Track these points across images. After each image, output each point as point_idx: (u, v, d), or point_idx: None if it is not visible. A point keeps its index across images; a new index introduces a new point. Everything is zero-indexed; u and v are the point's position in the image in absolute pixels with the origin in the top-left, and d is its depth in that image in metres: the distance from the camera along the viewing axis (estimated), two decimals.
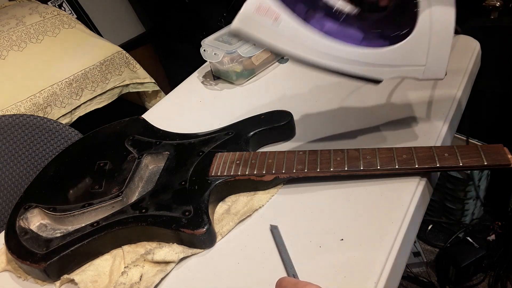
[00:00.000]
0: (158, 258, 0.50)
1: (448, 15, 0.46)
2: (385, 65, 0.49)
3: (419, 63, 0.49)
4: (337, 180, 0.55)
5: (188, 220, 0.51)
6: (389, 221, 0.49)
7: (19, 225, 0.56)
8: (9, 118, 0.85)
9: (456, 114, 0.65)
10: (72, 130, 0.91)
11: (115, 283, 0.49)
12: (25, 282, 0.54)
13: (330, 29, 0.49)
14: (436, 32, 0.47)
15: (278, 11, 0.45)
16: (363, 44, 0.48)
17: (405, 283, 1.29)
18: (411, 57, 0.48)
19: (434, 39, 0.47)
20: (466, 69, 0.72)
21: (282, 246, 0.49)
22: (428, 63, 0.48)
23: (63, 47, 1.36)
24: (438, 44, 0.47)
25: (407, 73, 0.49)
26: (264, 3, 0.45)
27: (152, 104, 1.46)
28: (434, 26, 0.46)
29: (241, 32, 0.47)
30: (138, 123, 0.72)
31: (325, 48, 0.48)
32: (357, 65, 0.49)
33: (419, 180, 0.53)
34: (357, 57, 0.48)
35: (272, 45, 0.47)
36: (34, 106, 1.19)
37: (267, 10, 0.46)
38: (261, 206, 0.55)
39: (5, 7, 1.50)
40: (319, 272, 0.46)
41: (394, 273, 0.45)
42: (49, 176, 0.65)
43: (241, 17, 0.46)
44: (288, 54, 0.48)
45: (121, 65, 1.40)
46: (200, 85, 0.90)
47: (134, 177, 0.60)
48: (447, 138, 0.60)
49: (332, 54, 0.48)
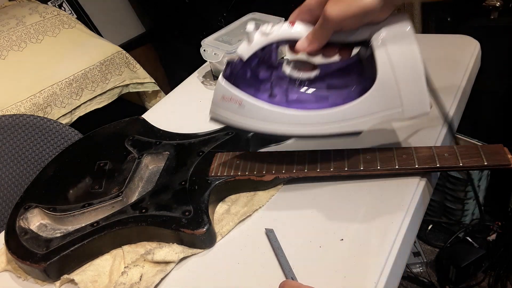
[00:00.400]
0: (158, 258, 0.50)
1: (410, 53, 0.45)
2: (359, 117, 0.48)
3: (395, 106, 0.47)
4: (337, 180, 0.55)
5: (188, 220, 0.51)
6: (389, 221, 0.49)
7: (19, 225, 0.56)
8: (9, 118, 0.85)
9: (456, 114, 0.65)
10: (72, 130, 0.91)
11: (115, 283, 0.49)
12: (25, 282, 0.54)
13: (294, 101, 0.50)
14: (401, 73, 0.46)
15: (240, 98, 0.48)
16: (330, 105, 0.48)
17: (405, 283, 1.29)
18: (383, 103, 0.47)
19: (401, 81, 0.46)
20: (466, 69, 0.71)
21: (279, 249, 0.49)
22: (404, 104, 0.47)
23: (63, 47, 1.36)
24: (408, 84, 0.46)
25: (387, 117, 0.48)
26: (226, 93, 0.49)
27: (152, 104, 1.46)
28: (397, 69, 0.45)
29: (216, 118, 0.52)
30: (138, 123, 0.72)
31: (294, 119, 0.49)
32: (332, 125, 0.49)
33: (419, 180, 0.53)
34: (329, 118, 0.48)
35: (244, 125, 0.50)
36: (34, 106, 1.19)
37: (230, 98, 0.49)
38: (261, 206, 0.55)
39: (5, 7, 1.50)
40: (319, 272, 0.46)
41: (394, 273, 0.45)
42: (49, 176, 0.65)
43: (212, 106, 0.52)
44: (260, 131, 0.50)
45: (121, 65, 1.40)
46: (200, 85, 0.90)
47: (134, 177, 0.60)
48: (447, 138, 0.60)
49: (302, 122, 0.49)
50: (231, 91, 0.49)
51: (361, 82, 0.50)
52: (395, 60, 0.45)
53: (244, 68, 0.50)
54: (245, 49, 0.48)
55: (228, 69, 0.50)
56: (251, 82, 0.51)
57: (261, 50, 0.48)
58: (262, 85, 0.52)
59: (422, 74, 0.46)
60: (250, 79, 0.50)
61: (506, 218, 1.32)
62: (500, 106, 1.31)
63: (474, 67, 0.74)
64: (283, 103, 0.50)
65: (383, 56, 0.45)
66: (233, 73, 0.50)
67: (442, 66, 0.74)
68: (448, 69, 0.73)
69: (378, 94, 0.47)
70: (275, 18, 0.88)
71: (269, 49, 0.49)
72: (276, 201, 0.56)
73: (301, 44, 0.47)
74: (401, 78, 0.46)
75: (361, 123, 0.48)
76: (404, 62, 0.45)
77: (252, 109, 0.49)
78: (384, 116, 0.48)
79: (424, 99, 0.47)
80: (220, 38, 0.88)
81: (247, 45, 0.48)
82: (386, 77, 0.46)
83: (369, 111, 0.48)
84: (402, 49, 0.45)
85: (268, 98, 0.50)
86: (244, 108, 0.49)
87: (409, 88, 0.46)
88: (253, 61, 0.50)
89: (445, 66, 0.74)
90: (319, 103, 0.50)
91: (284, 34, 0.47)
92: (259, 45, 0.48)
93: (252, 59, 0.49)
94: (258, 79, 0.51)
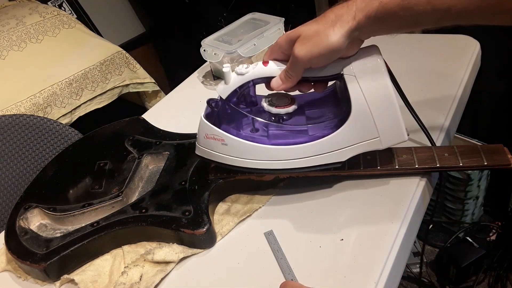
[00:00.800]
0: (158, 258, 0.50)
1: (382, 85, 0.47)
2: (339, 149, 0.50)
3: (372, 136, 0.49)
4: (337, 180, 0.55)
5: (188, 220, 0.51)
6: (389, 221, 0.49)
7: (19, 225, 0.56)
8: (9, 118, 0.85)
9: (456, 114, 0.65)
10: (72, 130, 0.91)
11: (115, 283, 0.49)
12: (25, 282, 0.54)
13: (275, 136, 0.52)
14: (375, 104, 0.47)
15: (222, 136, 0.51)
16: (310, 139, 0.50)
17: (405, 283, 1.29)
18: (361, 134, 0.49)
19: (375, 112, 0.48)
20: (466, 69, 0.72)
21: (279, 251, 0.49)
22: (381, 133, 0.49)
23: (63, 47, 1.36)
24: (383, 114, 0.48)
25: (365, 147, 0.50)
26: (208, 132, 0.51)
27: (152, 104, 1.46)
28: (371, 100, 0.47)
29: (201, 155, 0.54)
30: (138, 123, 0.72)
31: (276, 154, 0.51)
32: (313, 158, 0.50)
33: (419, 180, 0.53)
34: (310, 152, 0.50)
35: (227, 162, 0.52)
36: (34, 106, 1.19)
37: (213, 136, 0.51)
38: (261, 206, 0.55)
39: (5, 7, 1.49)
40: (319, 272, 0.46)
41: (394, 273, 0.45)
42: (49, 176, 0.65)
43: (197, 143, 0.54)
44: (243, 167, 0.52)
45: (121, 65, 1.40)
46: (200, 85, 0.90)
47: (134, 177, 0.60)
48: (447, 138, 0.60)
49: (284, 157, 0.51)
50: (213, 130, 0.51)
51: (338, 114, 0.52)
52: (368, 93, 0.47)
53: (224, 107, 0.52)
54: (222, 89, 0.51)
55: (208, 108, 0.52)
56: (233, 120, 0.53)
57: (238, 89, 0.51)
58: (244, 121, 0.54)
59: (395, 105, 0.47)
60: (231, 117, 0.53)
61: (506, 218, 1.32)
62: (500, 106, 1.31)
63: (474, 67, 0.74)
64: (264, 139, 0.52)
65: (356, 89, 0.47)
66: (213, 112, 0.52)
67: (442, 66, 0.74)
68: (448, 69, 0.73)
69: (354, 126, 0.48)
70: (275, 18, 0.88)
71: (247, 87, 0.51)
72: (276, 201, 0.56)
73: (275, 83, 0.49)
74: (375, 109, 0.47)
75: (341, 154, 0.50)
76: (377, 94, 0.47)
77: (234, 146, 0.51)
78: (363, 146, 0.50)
79: (400, 129, 0.49)
80: (220, 38, 0.88)
81: (224, 85, 0.50)
82: (360, 109, 0.48)
83: (348, 143, 0.50)
84: (373, 82, 0.47)
85: (250, 135, 0.52)
86: (227, 146, 0.51)
87: (384, 119, 0.48)
88: (232, 100, 0.52)
89: (445, 66, 0.74)
90: (299, 137, 0.52)
91: (259, 73, 0.49)
92: (236, 85, 0.50)
93: (231, 98, 0.51)
94: (239, 116, 0.53)
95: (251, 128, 0.54)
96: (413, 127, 0.58)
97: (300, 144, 0.50)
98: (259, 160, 0.51)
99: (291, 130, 0.53)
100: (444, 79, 0.71)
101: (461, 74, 0.71)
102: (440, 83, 0.70)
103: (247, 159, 0.51)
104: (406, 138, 0.49)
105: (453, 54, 0.76)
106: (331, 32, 0.43)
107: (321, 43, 0.43)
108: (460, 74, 0.71)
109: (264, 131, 0.53)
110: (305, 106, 0.55)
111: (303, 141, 0.50)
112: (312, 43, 0.44)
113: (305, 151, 0.50)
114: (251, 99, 0.54)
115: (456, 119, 0.66)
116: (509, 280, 1.21)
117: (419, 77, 0.73)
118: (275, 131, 0.53)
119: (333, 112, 0.53)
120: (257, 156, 0.51)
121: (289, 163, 0.51)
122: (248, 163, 0.51)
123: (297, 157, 0.50)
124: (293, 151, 0.50)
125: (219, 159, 0.53)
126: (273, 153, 0.51)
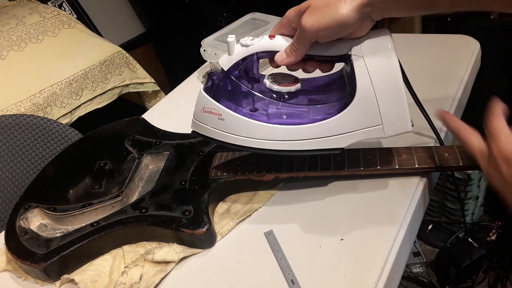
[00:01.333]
0: (158, 258, 0.50)
1: (390, 66, 0.44)
2: (339, 133, 0.48)
3: (375, 123, 0.47)
4: (337, 180, 0.55)
5: (188, 220, 0.51)
6: (389, 221, 0.49)
7: (19, 225, 0.56)
8: (9, 118, 0.85)
9: (456, 114, 0.65)
10: (72, 130, 0.91)
11: (115, 283, 0.49)
12: (25, 282, 0.54)
13: (275, 115, 0.50)
14: (381, 90, 0.45)
15: (220, 110, 0.48)
16: (311, 121, 0.48)
17: (405, 283, 1.29)
18: (363, 120, 0.47)
19: (381, 98, 0.45)
20: (466, 69, 0.72)
21: (279, 252, 0.49)
22: (385, 121, 0.46)
23: (63, 47, 1.36)
24: (389, 101, 0.45)
25: (367, 135, 0.47)
26: (206, 105, 0.49)
27: (152, 104, 1.46)
28: (377, 85, 0.45)
29: (196, 130, 0.52)
30: (138, 123, 0.72)
31: (274, 134, 0.48)
32: (311, 141, 0.48)
33: (419, 180, 0.53)
34: (309, 134, 0.48)
35: (223, 139, 0.50)
36: (34, 106, 1.19)
37: (210, 110, 0.49)
38: (261, 206, 0.55)
39: (5, 7, 1.49)
40: (319, 272, 0.46)
41: (394, 273, 0.45)
42: (49, 176, 0.65)
43: (193, 118, 0.51)
44: (239, 145, 0.50)
45: (121, 65, 1.40)
46: (200, 85, 0.89)
47: (134, 177, 0.60)
48: (447, 138, 0.60)
49: (282, 137, 0.48)
50: (211, 104, 0.49)
51: (342, 98, 0.50)
52: (374, 73, 0.45)
53: (225, 80, 0.50)
54: (225, 60, 0.49)
55: (209, 81, 0.50)
56: (232, 95, 0.51)
57: (242, 61, 0.48)
58: (243, 98, 0.52)
59: (401, 90, 0.45)
60: (231, 92, 0.51)
61: (506, 218, 1.32)
62: None
63: (474, 67, 0.74)
64: (263, 117, 0.50)
65: (362, 71, 0.45)
66: (213, 85, 0.50)
67: (442, 66, 0.74)
68: (448, 69, 0.73)
69: (357, 110, 0.46)
70: (275, 18, 0.88)
71: (250, 60, 0.49)
72: (276, 201, 0.56)
73: (280, 56, 0.47)
74: (380, 94, 0.45)
75: (341, 139, 0.48)
76: (383, 75, 0.45)
77: (231, 122, 0.49)
78: (365, 133, 0.47)
79: (405, 117, 0.46)
80: (220, 38, 0.88)
81: (227, 56, 0.48)
82: (365, 92, 0.45)
83: (349, 128, 0.47)
84: (381, 62, 0.45)
85: (249, 112, 0.50)
86: (223, 121, 0.49)
87: (389, 104, 0.46)
88: (234, 73, 0.50)
89: (445, 66, 0.74)
90: (299, 118, 0.50)
91: (264, 46, 0.47)
92: (239, 56, 0.48)
93: (233, 71, 0.49)
94: (239, 92, 0.51)
95: (251, 106, 0.51)
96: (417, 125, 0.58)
97: (300, 125, 0.48)
98: (255, 139, 0.49)
99: (292, 110, 0.51)
100: (444, 79, 0.71)
101: (461, 74, 0.71)
102: (440, 83, 0.70)
103: (244, 136, 0.49)
104: (410, 128, 0.46)
105: (453, 54, 0.76)
106: (342, 4, 0.41)
107: (330, 14, 0.42)
108: (460, 74, 0.71)
109: (264, 109, 0.51)
110: (309, 91, 0.53)
111: (303, 123, 0.48)
112: (320, 14, 0.42)
113: (304, 133, 0.48)
114: (254, 75, 0.52)
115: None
116: (509, 280, 1.21)
117: (419, 77, 0.73)
118: (275, 110, 0.51)
119: (337, 96, 0.51)
120: (254, 134, 0.49)
121: (286, 144, 0.48)
122: (244, 141, 0.49)
123: (295, 138, 0.48)
124: (291, 132, 0.48)
125: (214, 135, 0.50)
126: (271, 132, 0.48)
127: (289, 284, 0.45)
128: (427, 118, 0.55)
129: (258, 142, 0.49)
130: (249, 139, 0.49)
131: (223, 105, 0.48)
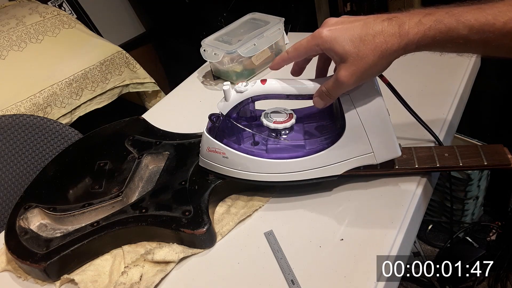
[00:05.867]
0: (158, 258, 0.50)
1: (375, 103, 0.48)
2: (334, 163, 0.52)
3: (366, 151, 0.51)
4: (337, 181, 0.55)
5: (188, 220, 0.51)
6: (389, 221, 0.49)
7: (19, 225, 0.56)
8: (9, 118, 0.85)
9: (456, 114, 0.65)
10: (72, 130, 0.91)
11: (115, 283, 0.49)
12: (25, 282, 0.54)
13: (274, 150, 0.54)
14: (368, 122, 0.49)
15: (223, 150, 0.53)
16: (307, 153, 0.52)
17: (405, 283, 1.29)
18: (355, 149, 0.51)
19: (369, 128, 0.49)
20: (466, 69, 0.72)
21: (279, 251, 0.49)
22: (375, 149, 0.51)
23: (63, 47, 1.35)
24: (376, 131, 0.50)
25: (360, 162, 0.52)
26: (210, 145, 0.54)
27: (152, 104, 1.46)
28: (364, 118, 0.49)
29: (204, 166, 0.57)
30: (138, 123, 0.72)
31: (274, 168, 0.53)
32: (310, 172, 0.52)
33: (419, 180, 0.53)
34: (307, 165, 0.52)
35: (228, 174, 0.54)
36: (34, 106, 1.19)
37: (215, 150, 0.54)
38: (261, 206, 0.55)
39: (5, 7, 1.49)
40: (319, 272, 0.46)
41: (394, 274, 0.45)
42: (49, 176, 0.65)
43: (200, 155, 0.57)
44: (244, 179, 0.54)
45: (121, 65, 1.40)
46: (200, 85, 0.90)
47: (134, 177, 0.60)
48: (447, 138, 0.60)
49: (282, 170, 0.53)
50: (215, 144, 0.53)
51: (334, 130, 0.53)
52: (361, 112, 0.49)
53: (225, 122, 0.54)
54: (223, 106, 0.53)
55: (210, 123, 0.55)
56: (233, 134, 0.55)
57: (238, 105, 0.52)
58: (244, 135, 0.56)
59: (388, 123, 0.49)
60: (231, 132, 0.56)
61: (506, 218, 1.32)
62: (500, 106, 1.31)
63: (474, 67, 0.74)
64: (263, 152, 0.54)
65: (350, 108, 0.49)
66: (215, 126, 0.54)
67: (442, 66, 0.74)
68: (448, 69, 0.73)
69: (348, 142, 0.50)
70: (275, 18, 0.88)
71: (246, 103, 0.53)
72: (276, 201, 0.56)
73: (317, 102, 0.49)
74: (368, 127, 0.49)
75: (336, 168, 0.52)
76: (371, 112, 0.49)
77: (235, 160, 0.53)
78: (358, 160, 0.52)
79: (393, 144, 0.50)
80: (220, 38, 0.88)
81: (225, 102, 0.52)
82: (354, 127, 0.49)
83: (343, 157, 0.52)
84: (367, 101, 0.48)
85: (249, 148, 0.54)
86: (228, 159, 0.54)
87: (377, 135, 0.50)
88: (233, 116, 0.54)
89: (445, 66, 0.74)
90: (297, 151, 0.53)
91: (257, 91, 0.51)
92: (235, 102, 0.52)
93: (231, 114, 0.54)
94: (239, 130, 0.55)
95: (251, 142, 0.56)
96: (416, 126, 0.58)
97: (298, 158, 0.52)
98: (258, 173, 0.53)
99: (289, 144, 0.55)
100: (444, 79, 0.71)
101: (461, 73, 0.71)
102: (440, 83, 0.70)
103: (247, 171, 0.54)
104: (399, 153, 0.51)
105: (453, 54, 0.76)
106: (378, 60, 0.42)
107: (369, 71, 0.43)
108: (460, 73, 0.71)
109: (263, 144, 0.55)
110: (303, 119, 0.57)
111: (300, 155, 0.52)
112: (360, 71, 0.43)
113: (302, 165, 0.52)
114: (251, 114, 0.57)
115: (456, 119, 0.66)
116: (509, 280, 1.21)
117: (419, 76, 0.73)
118: (273, 145, 0.55)
119: (329, 127, 0.55)
120: (257, 169, 0.53)
121: (286, 176, 0.53)
122: (248, 175, 0.54)
123: (294, 170, 0.52)
124: (290, 165, 0.52)
125: (220, 171, 0.55)
126: (272, 167, 0.53)
127: (289, 284, 0.45)
128: (424, 125, 0.57)
129: (261, 176, 0.54)
130: (252, 173, 0.54)
131: (226, 145, 0.53)
